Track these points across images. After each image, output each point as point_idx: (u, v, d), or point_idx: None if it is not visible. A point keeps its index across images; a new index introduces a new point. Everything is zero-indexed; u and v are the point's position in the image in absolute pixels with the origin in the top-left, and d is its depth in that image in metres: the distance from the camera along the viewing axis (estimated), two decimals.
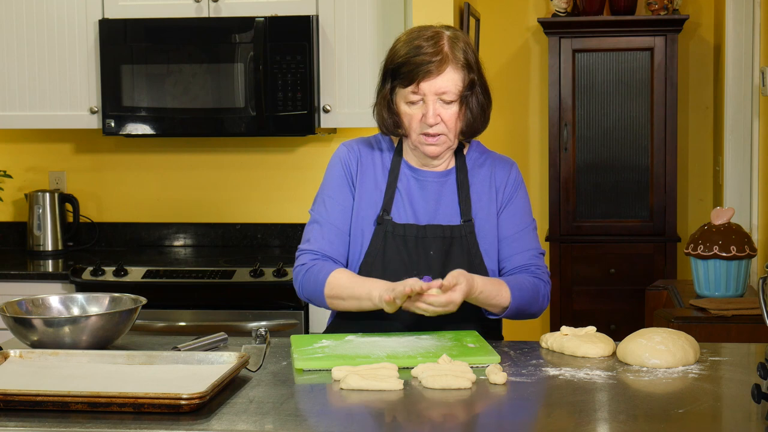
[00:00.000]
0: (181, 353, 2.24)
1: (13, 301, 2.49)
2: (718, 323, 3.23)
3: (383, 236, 2.58)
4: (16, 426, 1.88)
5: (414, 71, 2.49)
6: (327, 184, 2.67)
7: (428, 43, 2.50)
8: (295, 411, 1.99)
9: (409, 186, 2.62)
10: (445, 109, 2.52)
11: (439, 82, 2.50)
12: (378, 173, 2.64)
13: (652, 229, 5.21)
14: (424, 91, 2.50)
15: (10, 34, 4.30)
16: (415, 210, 2.61)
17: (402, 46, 2.55)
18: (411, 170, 2.64)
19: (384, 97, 2.58)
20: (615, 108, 5.23)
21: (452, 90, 2.51)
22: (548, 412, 2.05)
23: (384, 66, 2.59)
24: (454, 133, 2.56)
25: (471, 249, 2.59)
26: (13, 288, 3.99)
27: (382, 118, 2.59)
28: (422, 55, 2.49)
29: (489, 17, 5.36)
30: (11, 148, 4.69)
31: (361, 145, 2.68)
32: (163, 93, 4.16)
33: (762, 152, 4.16)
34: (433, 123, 2.51)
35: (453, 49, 2.52)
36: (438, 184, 2.63)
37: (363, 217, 2.61)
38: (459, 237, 2.59)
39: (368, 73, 4.17)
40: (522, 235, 2.64)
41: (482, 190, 2.64)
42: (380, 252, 2.58)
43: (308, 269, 2.58)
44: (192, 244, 4.62)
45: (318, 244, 2.60)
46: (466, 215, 2.60)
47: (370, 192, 2.63)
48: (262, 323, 3.88)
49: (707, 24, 5.42)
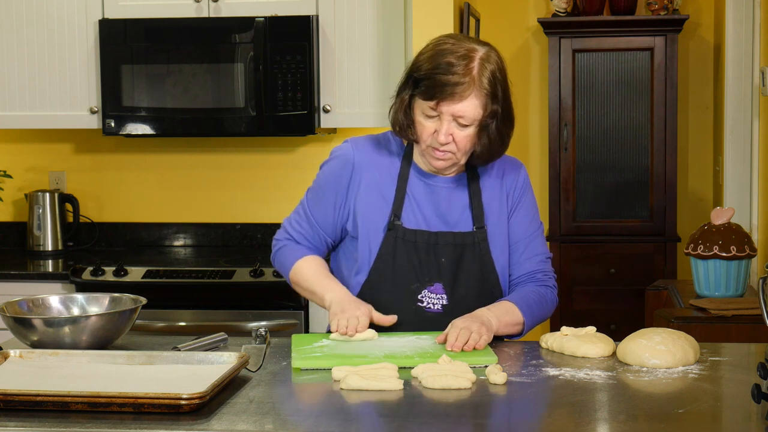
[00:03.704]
0: (181, 353, 2.24)
1: (13, 301, 2.49)
2: (718, 323, 3.23)
3: (394, 242, 2.56)
4: (16, 426, 1.88)
5: (436, 89, 2.43)
6: (322, 178, 2.66)
7: (459, 63, 2.43)
8: (295, 411, 1.99)
9: (419, 191, 2.59)
10: (459, 130, 2.46)
11: (459, 106, 2.43)
12: (385, 176, 2.60)
13: (652, 229, 5.21)
14: (442, 111, 2.44)
15: (10, 34, 4.30)
16: (426, 215, 2.58)
17: (430, 58, 2.47)
18: (421, 175, 2.60)
19: (402, 101, 2.52)
20: (615, 108, 5.23)
21: (471, 116, 2.44)
22: (548, 412, 2.05)
23: (408, 70, 2.52)
24: (463, 153, 2.50)
25: (483, 257, 2.57)
26: (13, 288, 3.99)
27: (397, 119, 2.54)
28: (449, 75, 2.41)
29: (489, 17, 5.36)
30: (11, 148, 4.69)
31: (368, 145, 2.64)
32: (163, 93, 4.16)
33: (762, 152, 4.16)
34: (444, 142, 2.46)
35: (481, 75, 2.44)
36: (448, 189, 2.60)
37: (371, 221, 2.58)
38: (471, 244, 2.57)
39: (368, 73, 4.17)
40: (530, 241, 2.63)
41: (493, 195, 2.62)
42: (390, 257, 2.56)
43: (282, 246, 2.71)
44: (192, 244, 4.62)
45: (296, 231, 2.69)
46: (479, 222, 2.58)
47: (375, 196, 2.59)
48: (262, 323, 3.88)
49: (707, 24, 5.42)
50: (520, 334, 2.56)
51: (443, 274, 2.56)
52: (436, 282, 2.55)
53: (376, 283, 2.58)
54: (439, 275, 2.55)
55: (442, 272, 2.56)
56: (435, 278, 2.55)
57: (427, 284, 2.56)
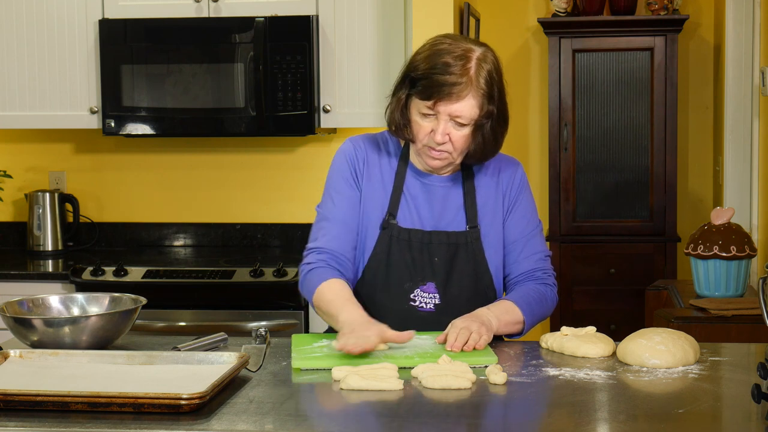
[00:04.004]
0: (181, 353, 2.24)
1: (13, 301, 2.49)
2: (718, 323, 3.23)
3: (388, 240, 2.56)
4: (16, 426, 1.88)
5: (434, 89, 2.43)
6: (333, 179, 2.63)
7: (456, 64, 2.43)
8: (295, 411, 1.99)
9: (415, 190, 2.60)
10: (456, 130, 2.47)
11: (456, 106, 2.43)
12: (385, 175, 2.61)
13: (652, 229, 5.21)
14: (439, 110, 2.44)
15: (10, 34, 4.30)
16: (421, 215, 2.59)
17: (427, 58, 2.47)
18: (417, 174, 2.61)
19: (399, 100, 2.52)
20: (615, 108, 5.23)
21: (467, 116, 2.45)
22: (548, 412, 2.05)
23: (405, 70, 2.53)
24: (459, 152, 2.51)
25: (477, 256, 2.57)
26: (13, 288, 3.99)
27: (394, 119, 2.54)
28: (446, 75, 2.42)
29: (489, 17, 5.36)
30: (11, 148, 4.69)
31: (367, 143, 2.65)
32: (163, 93, 4.16)
33: (762, 152, 4.16)
34: (440, 141, 2.47)
35: (478, 75, 2.44)
36: (444, 189, 2.60)
37: (369, 218, 2.59)
38: (465, 243, 2.57)
39: (368, 73, 4.17)
40: (528, 239, 2.63)
41: (488, 194, 2.62)
42: (384, 256, 2.56)
43: (312, 269, 2.54)
44: (192, 244, 4.62)
45: (325, 241, 2.56)
46: (472, 221, 2.58)
47: (377, 193, 2.60)
48: (262, 323, 3.88)
49: (707, 24, 5.42)
50: (521, 333, 2.56)
51: (436, 273, 2.56)
52: (429, 281, 2.55)
53: (369, 282, 2.58)
54: (432, 274, 2.56)
55: (435, 271, 2.56)
56: (428, 277, 2.55)
57: (419, 283, 2.56)
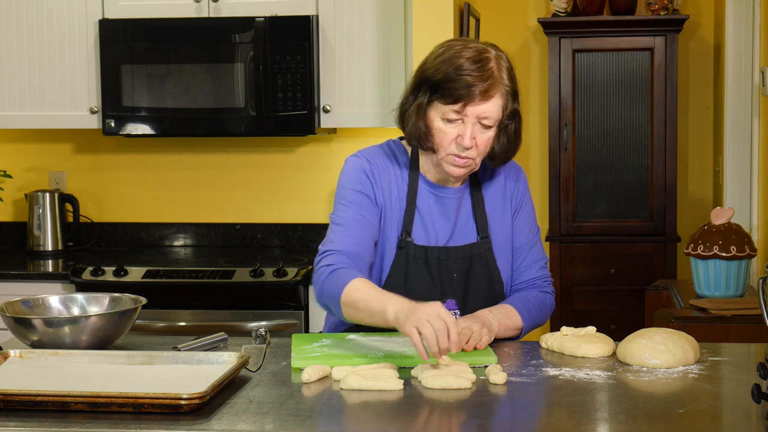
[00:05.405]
0: (181, 353, 2.24)
1: (13, 301, 2.49)
2: (718, 323, 3.22)
3: (405, 260, 2.51)
4: (16, 426, 1.88)
5: (461, 91, 2.37)
6: (345, 188, 2.53)
7: (478, 63, 2.39)
8: (295, 411, 1.99)
9: (428, 204, 2.55)
10: (482, 133, 2.42)
11: (484, 106, 2.39)
12: (399, 189, 2.54)
13: (652, 229, 5.21)
14: (467, 113, 2.40)
15: (10, 34, 4.30)
16: (436, 229, 2.54)
17: (448, 60, 2.41)
18: (430, 186, 2.55)
19: (419, 108, 2.45)
20: (615, 108, 5.23)
21: (494, 116, 2.41)
22: (548, 412, 2.05)
23: (420, 76, 2.46)
24: (481, 157, 2.47)
25: (490, 265, 2.56)
26: (13, 288, 3.99)
27: (416, 128, 2.46)
28: (472, 75, 2.37)
29: (489, 17, 5.36)
30: (11, 148, 4.69)
31: (379, 158, 2.55)
32: (163, 93, 4.16)
33: (762, 152, 4.16)
34: (468, 146, 2.41)
35: (501, 73, 2.41)
36: (457, 200, 2.57)
37: (386, 236, 2.52)
38: (478, 255, 2.55)
39: (368, 73, 4.17)
40: (530, 248, 2.63)
41: (495, 200, 2.60)
42: (402, 276, 2.51)
43: (334, 270, 2.38)
44: (192, 244, 4.62)
45: (343, 243, 2.44)
46: (483, 231, 2.57)
47: (394, 209, 2.53)
48: (262, 323, 3.88)
49: (707, 24, 5.42)
50: (517, 338, 2.56)
51: (456, 289, 2.54)
52: (449, 298, 2.53)
53: None
54: (452, 291, 2.53)
55: (455, 288, 2.54)
56: (448, 294, 2.53)
57: (440, 302, 2.52)
